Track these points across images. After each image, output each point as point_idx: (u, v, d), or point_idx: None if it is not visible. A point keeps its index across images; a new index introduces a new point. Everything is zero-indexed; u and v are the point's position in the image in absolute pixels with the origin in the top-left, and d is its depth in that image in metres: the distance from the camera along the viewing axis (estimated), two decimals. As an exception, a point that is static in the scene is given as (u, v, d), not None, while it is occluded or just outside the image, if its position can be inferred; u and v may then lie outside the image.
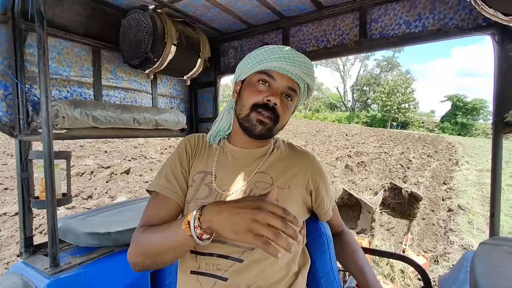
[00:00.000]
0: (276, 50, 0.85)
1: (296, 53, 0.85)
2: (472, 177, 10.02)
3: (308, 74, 0.86)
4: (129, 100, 1.67)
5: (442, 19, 1.23)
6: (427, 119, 42.34)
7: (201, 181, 0.87)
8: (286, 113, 0.86)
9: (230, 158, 0.91)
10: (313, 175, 0.91)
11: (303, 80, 0.86)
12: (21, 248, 1.22)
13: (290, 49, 0.85)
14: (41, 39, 1.05)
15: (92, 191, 5.51)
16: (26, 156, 1.21)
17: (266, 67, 0.84)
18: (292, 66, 0.83)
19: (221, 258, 0.78)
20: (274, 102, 0.81)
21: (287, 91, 0.85)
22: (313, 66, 0.89)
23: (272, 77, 0.83)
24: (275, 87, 0.84)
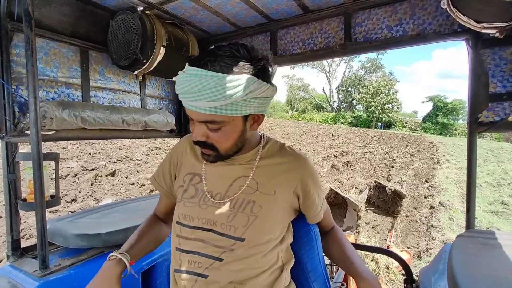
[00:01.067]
0: (177, 85, 0.73)
1: (193, 81, 0.67)
2: (453, 175, 10.40)
3: (216, 99, 0.67)
4: (118, 101, 1.67)
5: (421, 24, 1.30)
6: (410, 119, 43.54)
7: (189, 182, 0.90)
8: (218, 142, 0.77)
9: (220, 163, 0.88)
10: (304, 178, 0.87)
11: (214, 107, 0.69)
12: (8, 251, 1.21)
13: (189, 80, 0.68)
14: (29, 40, 1.04)
15: (76, 194, 5.39)
16: (13, 158, 1.19)
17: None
18: (193, 100, 0.69)
19: (202, 257, 0.81)
20: (196, 140, 0.77)
21: (205, 123, 0.74)
22: (225, 83, 0.67)
23: (188, 113, 0.75)
24: (195, 123, 0.76)
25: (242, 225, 0.80)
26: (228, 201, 0.83)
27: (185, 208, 0.87)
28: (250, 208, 0.82)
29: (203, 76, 0.67)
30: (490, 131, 1.17)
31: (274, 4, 1.46)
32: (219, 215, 0.82)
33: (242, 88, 0.68)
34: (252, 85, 0.70)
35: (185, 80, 0.69)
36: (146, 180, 6.58)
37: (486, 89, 1.17)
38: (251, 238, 0.80)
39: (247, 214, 0.81)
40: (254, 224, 0.81)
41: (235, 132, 0.77)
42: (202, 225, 0.83)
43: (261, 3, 1.45)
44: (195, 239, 0.83)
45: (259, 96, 0.73)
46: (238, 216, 0.81)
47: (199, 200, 0.85)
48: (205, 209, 0.84)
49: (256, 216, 0.81)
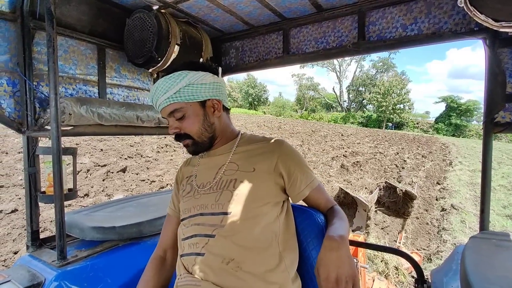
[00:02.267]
0: (149, 97, 1.05)
1: (158, 83, 0.95)
2: (465, 178, 10.18)
3: (170, 88, 0.92)
4: (132, 98, 1.70)
5: (437, 23, 1.28)
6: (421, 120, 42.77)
7: (186, 183, 1.07)
8: (188, 127, 0.96)
9: (206, 160, 1.06)
10: (282, 157, 0.95)
11: (170, 97, 0.93)
12: (28, 242, 1.25)
13: (156, 84, 0.96)
14: (50, 38, 1.08)
15: (88, 189, 5.51)
16: (33, 152, 1.23)
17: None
18: (156, 100, 0.95)
19: (198, 237, 0.91)
20: (172, 132, 0.98)
21: (172, 115, 0.96)
22: (174, 75, 0.94)
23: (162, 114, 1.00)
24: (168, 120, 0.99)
25: (227, 200, 0.91)
26: (214, 185, 0.96)
27: (184, 204, 1.01)
28: (232, 185, 0.93)
29: (161, 80, 0.95)
30: (506, 131, 1.15)
31: (287, 2, 1.46)
32: (209, 198, 0.95)
33: (183, 77, 0.93)
34: (189, 74, 0.93)
35: (153, 88, 0.97)
36: (156, 176, 6.68)
37: (503, 89, 1.15)
38: (235, 210, 0.89)
39: (230, 190, 0.92)
40: (237, 198, 0.90)
41: (198, 117, 0.96)
42: (196, 212, 0.95)
43: (275, 1, 1.45)
44: (192, 225, 0.95)
45: (201, 82, 0.94)
46: (224, 194, 0.93)
47: (194, 193, 1.00)
48: (198, 198, 0.97)
49: (239, 190, 0.92)
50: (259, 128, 17.56)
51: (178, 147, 9.31)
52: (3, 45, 1.16)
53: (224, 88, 1.04)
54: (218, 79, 1.00)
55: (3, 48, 1.16)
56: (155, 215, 1.46)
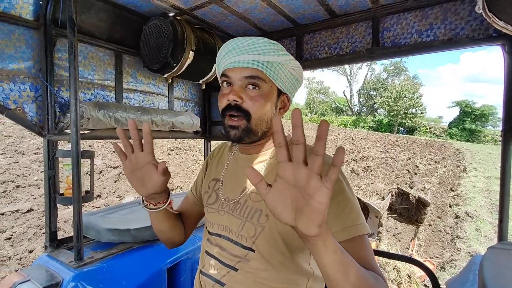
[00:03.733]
0: (223, 47, 0.79)
1: (244, 38, 0.76)
2: (480, 184, 9.91)
3: (263, 53, 0.75)
4: (148, 102, 1.74)
5: (453, 29, 1.27)
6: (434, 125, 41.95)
7: (213, 188, 0.92)
8: (255, 104, 0.76)
9: (236, 165, 0.89)
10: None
11: (261, 61, 0.75)
12: (46, 242, 1.29)
13: (238, 38, 0.77)
14: (72, 45, 1.12)
15: (101, 191, 5.61)
16: (53, 155, 1.27)
17: (222, 68, 0.79)
18: (240, 54, 0.75)
19: (220, 263, 0.81)
20: (232, 99, 0.75)
21: (248, 81, 0.76)
22: (272, 43, 0.77)
23: (227, 76, 0.78)
24: (233, 83, 0.77)
25: (250, 235, 0.77)
26: (239, 209, 0.81)
27: (209, 214, 0.89)
28: (257, 217, 0.77)
29: (253, 38, 0.76)
30: (526, 140, 1.12)
31: (301, 9, 1.47)
32: (233, 223, 0.81)
33: (283, 54, 0.77)
34: (290, 56, 0.78)
35: (232, 41, 0.77)
36: (167, 179, 6.74)
37: None
38: (261, 249, 0.76)
39: (254, 224, 0.77)
40: (262, 235, 0.75)
41: (270, 102, 0.78)
42: (220, 232, 0.83)
43: (289, 8, 1.46)
44: (216, 245, 0.84)
45: (294, 70, 0.80)
46: (247, 226, 0.78)
47: (218, 206, 0.86)
48: (223, 215, 0.84)
49: (263, 227, 0.76)
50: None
51: (188, 149, 9.39)
52: (27, 52, 1.21)
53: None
54: (302, 79, 0.85)
55: (27, 55, 1.21)
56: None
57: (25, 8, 1.19)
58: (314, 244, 0.50)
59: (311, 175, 0.45)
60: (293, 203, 0.48)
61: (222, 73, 0.79)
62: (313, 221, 0.46)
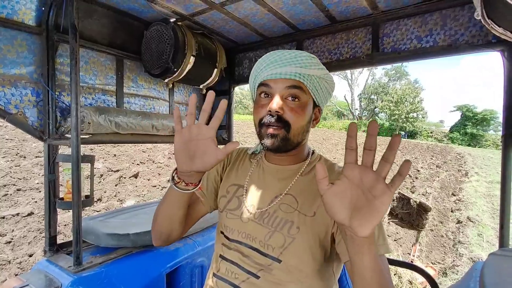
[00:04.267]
0: (264, 59, 0.81)
1: (286, 51, 0.79)
2: (482, 189, 9.86)
3: (305, 66, 0.77)
4: (148, 107, 1.75)
5: (453, 35, 1.27)
6: (435, 129, 41.89)
7: (234, 193, 0.90)
8: (295, 115, 0.77)
9: (263, 174, 0.89)
10: None
11: (302, 74, 0.77)
12: (46, 247, 1.29)
13: (280, 51, 0.80)
14: (74, 50, 1.13)
15: (101, 194, 5.61)
16: (53, 159, 1.28)
17: (262, 79, 0.81)
18: (282, 66, 0.77)
19: (239, 269, 0.80)
20: (274, 109, 0.75)
21: (289, 92, 0.78)
22: (311, 57, 0.80)
23: (268, 86, 0.79)
24: (273, 94, 0.78)
25: (279, 246, 0.77)
26: (267, 218, 0.80)
27: (228, 220, 0.87)
28: (287, 228, 0.77)
29: (295, 51, 0.79)
30: (526, 145, 1.12)
31: (301, 15, 1.48)
32: (258, 232, 0.80)
33: (323, 68, 0.81)
34: (325, 69, 0.82)
35: (274, 54, 0.80)
36: (168, 182, 6.74)
37: None
38: (288, 261, 0.76)
39: (284, 234, 0.77)
40: (291, 247, 0.75)
41: (308, 114, 0.81)
42: (242, 239, 0.82)
43: (289, 14, 1.47)
44: (235, 250, 0.83)
45: (328, 84, 0.83)
46: (275, 236, 0.77)
47: (241, 213, 0.85)
48: (246, 223, 0.83)
49: (293, 238, 0.76)
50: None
51: (189, 153, 9.37)
52: (29, 57, 1.22)
53: None
54: (333, 92, 0.88)
55: (28, 60, 1.22)
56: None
57: (28, 14, 1.20)
58: (360, 245, 0.54)
59: (379, 179, 0.51)
60: (351, 203, 0.52)
61: (262, 83, 0.81)
62: (370, 221, 0.50)
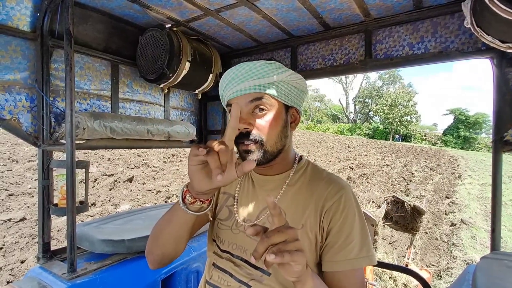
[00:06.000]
0: (223, 78, 0.80)
1: (242, 66, 0.77)
2: (475, 192, 9.98)
3: (262, 76, 0.75)
4: (144, 112, 1.74)
5: (443, 42, 1.30)
6: (429, 132, 42.37)
7: (224, 202, 0.90)
8: (265, 126, 0.76)
9: (252, 184, 0.89)
10: (332, 210, 0.75)
11: (261, 85, 0.75)
12: (39, 253, 1.27)
13: (236, 67, 0.78)
14: (68, 56, 1.13)
15: (95, 199, 5.55)
16: (48, 165, 1.27)
17: (226, 99, 0.80)
18: (240, 83, 0.76)
19: (231, 278, 0.80)
20: (243, 127, 0.74)
21: (253, 106, 0.76)
22: (268, 64, 0.76)
23: (236, 100, 0.78)
24: (242, 112, 0.76)
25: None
26: None
27: (219, 230, 0.87)
28: None
29: (249, 63, 0.76)
30: (516, 150, 1.14)
31: (295, 21, 1.50)
32: (248, 244, 0.80)
33: (283, 71, 0.77)
34: (289, 71, 0.78)
35: (230, 71, 0.78)
36: (162, 186, 6.71)
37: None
38: (278, 273, 0.75)
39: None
40: None
41: (279, 120, 0.78)
42: (232, 251, 0.83)
43: (283, 20, 1.49)
44: (227, 259, 0.83)
45: (295, 85, 0.80)
46: None
47: (232, 224, 0.85)
48: (237, 234, 0.83)
49: None
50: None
51: (184, 157, 9.37)
52: (23, 63, 1.22)
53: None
54: (307, 91, 0.84)
55: (23, 65, 1.21)
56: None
57: (23, 20, 1.20)
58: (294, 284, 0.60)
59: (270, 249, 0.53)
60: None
61: (227, 103, 0.81)
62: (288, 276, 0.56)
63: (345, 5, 1.32)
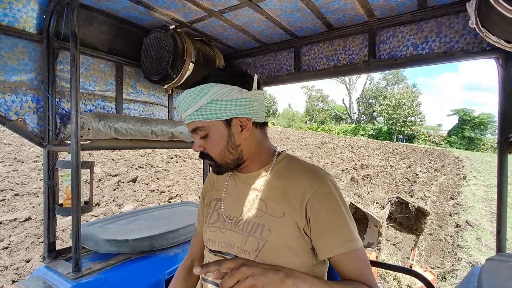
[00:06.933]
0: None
1: (179, 97, 0.84)
2: (480, 193, 9.89)
3: (192, 105, 0.80)
4: (147, 113, 1.76)
5: (448, 42, 1.30)
6: (434, 133, 42.09)
7: (214, 207, 0.95)
8: (210, 147, 0.84)
9: (235, 183, 0.93)
10: (314, 198, 0.78)
11: (192, 114, 0.81)
12: (44, 253, 1.28)
13: (180, 97, 0.83)
14: (74, 58, 1.14)
15: (100, 199, 5.59)
16: (53, 165, 1.28)
17: None
18: (181, 113, 0.84)
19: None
20: (195, 150, 0.86)
21: (196, 133, 0.84)
22: (191, 91, 0.80)
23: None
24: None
25: (253, 249, 0.79)
26: (241, 225, 0.84)
27: (209, 233, 0.92)
28: (259, 232, 0.80)
29: (182, 95, 0.82)
30: (522, 151, 1.13)
31: (299, 22, 1.50)
32: (235, 239, 0.83)
33: (205, 93, 0.79)
34: (212, 90, 0.79)
35: (179, 100, 0.84)
36: (166, 187, 6.73)
37: None
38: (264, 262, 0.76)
39: (257, 238, 0.79)
40: (265, 249, 0.78)
41: (221, 137, 0.83)
42: (221, 249, 0.86)
43: (287, 21, 1.50)
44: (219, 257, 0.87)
45: (226, 98, 0.80)
46: (249, 241, 0.80)
47: (220, 224, 0.89)
48: (224, 232, 0.87)
49: (266, 241, 0.78)
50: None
51: (187, 157, 9.41)
52: (30, 64, 1.23)
53: (259, 101, 0.87)
54: (248, 94, 0.83)
55: (29, 67, 1.23)
56: (167, 228, 1.48)
57: (29, 22, 1.21)
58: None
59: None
60: None
61: None
62: None
63: (349, 6, 1.32)
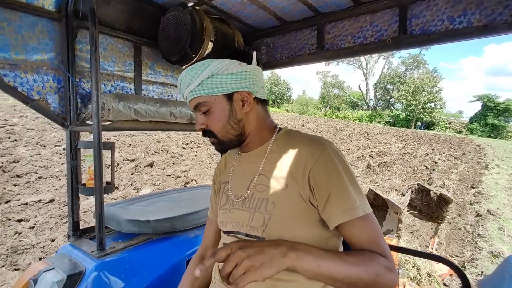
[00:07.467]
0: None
1: (180, 77, 0.86)
2: (503, 182, 9.52)
3: (191, 81, 0.81)
4: (166, 94, 1.73)
5: (489, 14, 1.18)
6: (454, 120, 40.61)
7: (223, 190, 0.97)
8: (212, 123, 0.85)
9: (240, 164, 0.94)
10: (316, 167, 0.76)
11: (193, 90, 0.82)
12: (69, 231, 1.31)
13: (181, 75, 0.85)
14: (93, 36, 1.11)
15: (118, 183, 5.74)
16: (75, 146, 1.29)
17: None
18: (182, 92, 0.86)
19: None
20: (198, 128, 0.87)
21: (198, 110, 0.85)
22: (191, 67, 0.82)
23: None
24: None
25: (260, 224, 0.79)
26: (247, 202, 0.85)
27: (221, 216, 0.93)
28: (264, 206, 0.80)
29: (182, 74, 0.85)
30: None
31: (323, -4, 1.42)
32: (243, 216, 0.84)
33: (205, 68, 0.81)
34: (212, 64, 0.81)
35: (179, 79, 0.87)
36: (182, 172, 6.83)
37: None
38: (270, 236, 0.78)
39: (263, 213, 0.80)
40: (271, 223, 0.78)
41: (223, 112, 0.83)
42: (232, 228, 0.87)
43: (310, -5, 1.41)
44: (232, 237, 0.89)
45: (226, 72, 0.81)
46: (256, 217, 0.81)
47: (229, 205, 0.90)
48: (233, 213, 0.88)
49: (271, 214, 0.79)
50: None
51: (202, 143, 9.49)
52: (50, 44, 1.22)
53: (259, 76, 0.87)
54: (248, 68, 0.84)
55: (49, 46, 1.22)
56: (187, 210, 1.49)
57: (48, -1, 1.19)
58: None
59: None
60: None
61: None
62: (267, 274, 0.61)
63: (379, -24, 1.23)
